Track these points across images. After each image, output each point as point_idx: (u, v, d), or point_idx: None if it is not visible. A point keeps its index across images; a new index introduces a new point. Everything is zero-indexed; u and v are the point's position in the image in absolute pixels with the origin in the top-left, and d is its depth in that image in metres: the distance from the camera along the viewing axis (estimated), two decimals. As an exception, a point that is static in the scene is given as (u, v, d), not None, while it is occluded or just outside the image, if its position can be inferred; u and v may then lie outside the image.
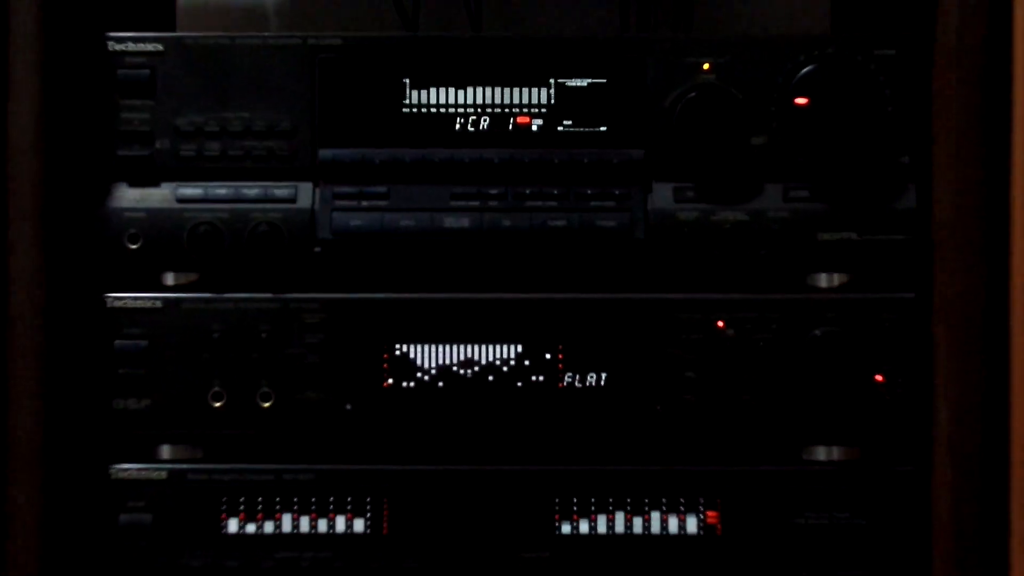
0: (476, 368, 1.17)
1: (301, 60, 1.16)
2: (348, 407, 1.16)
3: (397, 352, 1.17)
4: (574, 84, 1.17)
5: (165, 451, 1.18)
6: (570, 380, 1.16)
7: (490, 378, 1.17)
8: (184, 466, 1.17)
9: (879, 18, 1.30)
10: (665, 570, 1.15)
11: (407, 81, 1.17)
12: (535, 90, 1.17)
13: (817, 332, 1.15)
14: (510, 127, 1.17)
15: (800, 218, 1.16)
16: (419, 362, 1.17)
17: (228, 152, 1.17)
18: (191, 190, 1.17)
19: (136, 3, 1.29)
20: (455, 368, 1.17)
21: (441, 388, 1.17)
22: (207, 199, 1.16)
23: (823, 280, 1.19)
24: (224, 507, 1.16)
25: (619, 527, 1.16)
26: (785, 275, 1.18)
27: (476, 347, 1.17)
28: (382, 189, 1.17)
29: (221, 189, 1.17)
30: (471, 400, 1.17)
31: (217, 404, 1.16)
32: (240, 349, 1.16)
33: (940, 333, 1.12)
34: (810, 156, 1.16)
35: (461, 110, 1.17)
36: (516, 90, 1.17)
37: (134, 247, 1.15)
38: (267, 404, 1.16)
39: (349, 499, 1.16)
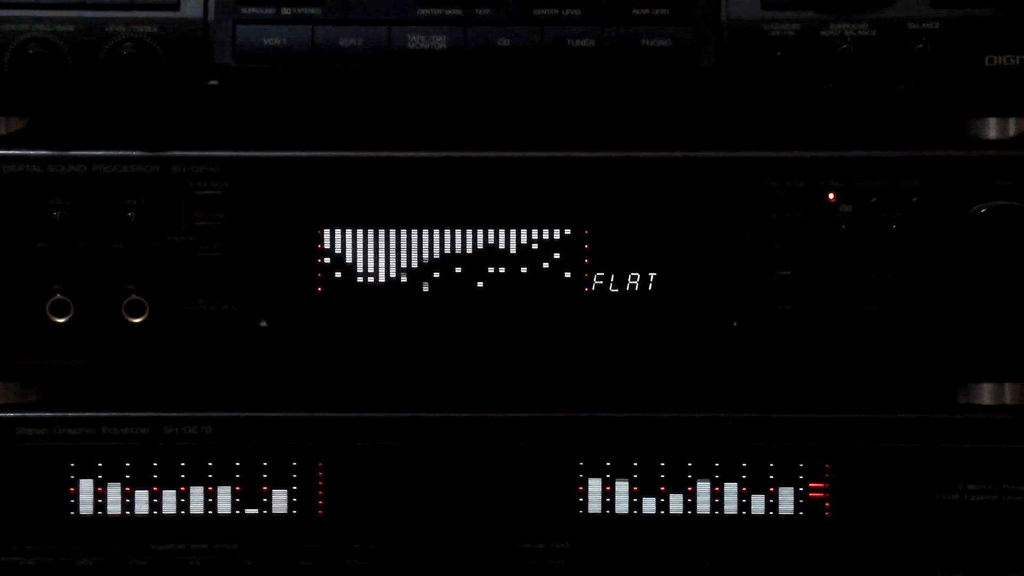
0: (457, 264, 1.04)
1: None
2: (262, 324, 1.04)
3: (336, 240, 1.04)
4: None
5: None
6: (601, 283, 1.03)
7: (478, 282, 1.03)
8: (10, 414, 1.04)
9: None
10: (748, 570, 1.04)
11: None
12: None
13: (982, 208, 1.02)
14: None
15: (958, 32, 1.03)
16: (370, 255, 1.05)
17: (68, -77, 1.03)
18: (11, -12, 1.04)
19: None
20: (425, 264, 1.04)
21: (403, 296, 1.04)
22: (38, 3, 1.03)
23: (992, 128, 1.06)
24: (74, 477, 1.04)
25: (674, 505, 1.04)
26: (933, 120, 1.05)
27: (457, 233, 1.04)
28: (313, -11, 1.05)
29: (60, -14, 1.04)
30: (448, 314, 1.04)
31: (60, 319, 1.04)
32: (95, 235, 1.03)
33: None
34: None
35: None
36: None
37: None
38: (138, 319, 1.04)
39: (265, 463, 1.04)
